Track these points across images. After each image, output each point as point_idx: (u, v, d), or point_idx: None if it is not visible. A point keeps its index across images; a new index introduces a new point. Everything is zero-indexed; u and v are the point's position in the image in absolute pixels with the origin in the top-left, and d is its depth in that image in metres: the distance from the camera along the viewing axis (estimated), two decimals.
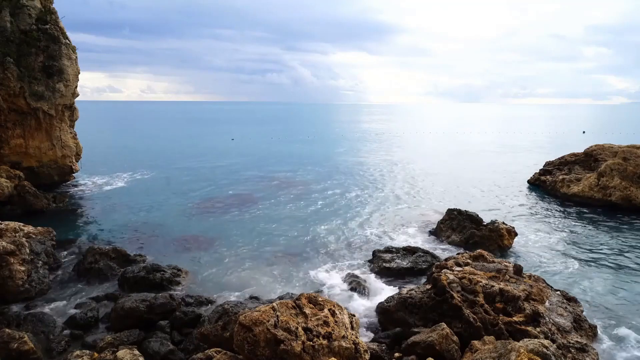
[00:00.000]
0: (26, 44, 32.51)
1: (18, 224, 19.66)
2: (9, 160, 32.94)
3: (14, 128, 33.29)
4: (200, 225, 27.44)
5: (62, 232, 24.96)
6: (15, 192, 29.64)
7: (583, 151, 39.23)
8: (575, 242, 24.48)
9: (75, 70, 35.65)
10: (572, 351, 12.44)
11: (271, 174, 45.70)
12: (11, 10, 32.33)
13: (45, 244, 20.20)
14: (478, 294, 14.24)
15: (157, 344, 13.48)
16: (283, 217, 29.33)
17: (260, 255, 22.38)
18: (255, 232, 26.01)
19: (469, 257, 17.46)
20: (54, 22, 34.29)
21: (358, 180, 42.94)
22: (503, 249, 22.70)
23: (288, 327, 10.67)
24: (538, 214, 30.35)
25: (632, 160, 31.67)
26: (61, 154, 35.98)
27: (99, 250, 20.68)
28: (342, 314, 11.90)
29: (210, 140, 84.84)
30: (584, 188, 33.28)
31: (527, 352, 9.96)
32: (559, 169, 38.95)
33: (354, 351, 10.91)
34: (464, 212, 24.96)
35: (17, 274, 16.99)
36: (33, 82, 32.70)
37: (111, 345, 13.34)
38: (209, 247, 23.43)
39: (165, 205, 32.40)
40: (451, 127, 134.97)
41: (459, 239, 23.63)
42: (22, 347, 12.76)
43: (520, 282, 15.23)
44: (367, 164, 53.99)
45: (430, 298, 14.76)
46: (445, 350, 12.35)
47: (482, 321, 13.34)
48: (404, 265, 19.86)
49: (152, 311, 15.30)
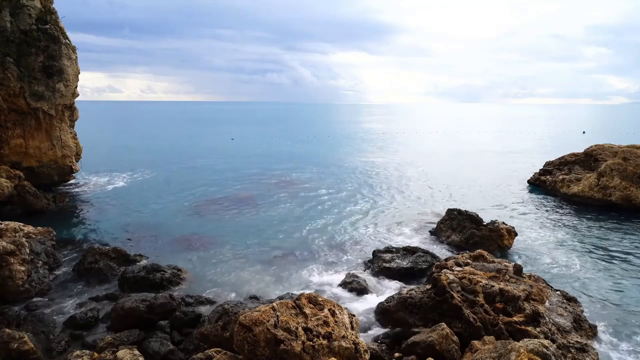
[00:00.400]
0: (26, 44, 32.51)
1: (18, 224, 19.66)
2: (9, 160, 32.93)
3: (14, 128, 33.29)
4: (200, 225, 27.44)
5: (62, 232, 24.97)
6: (15, 192, 29.64)
7: (583, 151, 39.24)
8: (575, 242, 24.48)
9: (75, 70, 35.65)
10: (572, 351, 12.44)
11: (271, 174, 45.71)
12: (11, 10, 32.33)
13: (45, 244, 20.21)
14: (478, 294, 14.24)
15: (157, 344, 13.48)
16: (283, 217, 29.33)
17: (261, 255, 22.38)
18: (255, 232, 26.01)
19: (469, 257, 17.46)
20: (54, 22, 34.29)
21: (358, 180, 42.94)
22: (503, 249, 22.69)
23: (288, 327, 10.67)
24: (538, 214, 30.35)
25: (632, 160, 31.68)
26: (61, 154, 35.98)
27: (99, 250, 20.68)
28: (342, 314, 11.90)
29: (210, 140, 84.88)
30: (584, 188, 33.28)
31: (527, 352, 9.96)
32: (559, 169, 38.96)
33: (354, 351, 10.91)
34: (464, 212, 24.96)
35: (17, 274, 16.99)
36: (33, 82, 32.70)
37: (111, 345, 13.33)
38: (209, 247, 23.42)
39: (165, 205, 32.40)
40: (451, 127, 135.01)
41: (459, 239, 23.63)
42: (22, 347, 12.76)
43: (520, 282, 15.24)
44: (367, 164, 53.99)
45: (430, 298, 14.76)
46: (445, 350, 12.35)
47: (482, 321, 13.34)
48: (404, 265, 19.86)
49: (152, 311, 15.29)
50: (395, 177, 44.38)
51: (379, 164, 54.01)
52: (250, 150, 67.33)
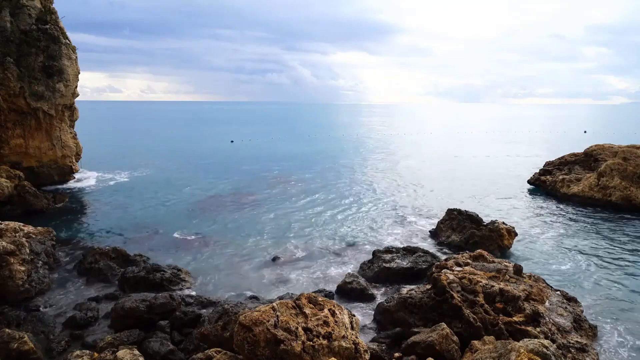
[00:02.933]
0: (26, 44, 32.52)
1: (18, 224, 19.66)
2: (9, 160, 32.95)
3: (14, 128, 33.31)
4: (200, 225, 27.44)
5: (62, 232, 24.99)
6: (15, 192, 29.64)
7: (583, 151, 39.23)
8: (575, 242, 24.47)
9: (75, 70, 35.66)
10: (572, 351, 12.44)
11: (271, 174, 45.71)
12: (11, 10, 32.35)
13: (45, 244, 20.21)
14: (478, 294, 14.23)
15: (157, 344, 13.47)
16: (283, 217, 29.33)
17: (261, 255, 22.38)
18: (255, 232, 26.01)
19: (469, 257, 17.45)
20: (54, 22, 34.31)
21: (358, 180, 42.95)
22: (503, 249, 22.69)
23: (288, 327, 10.67)
24: (538, 214, 30.34)
25: (632, 160, 31.67)
26: (61, 154, 35.99)
27: (99, 250, 20.67)
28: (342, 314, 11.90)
29: (210, 140, 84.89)
30: (584, 188, 33.28)
31: (527, 352, 9.95)
32: (559, 169, 38.94)
33: (354, 351, 10.90)
34: (464, 212, 24.95)
35: (17, 274, 16.98)
36: (33, 82, 32.71)
37: (111, 345, 13.32)
38: (209, 247, 23.43)
39: (165, 205, 32.40)
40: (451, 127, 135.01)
41: (459, 239, 23.62)
42: (22, 347, 12.75)
43: (520, 282, 15.23)
44: (367, 164, 54.00)
45: (430, 298, 14.75)
46: (445, 350, 12.35)
47: (482, 321, 13.34)
48: (404, 265, 19.85)
49: (152, 311, 15.29)
50: (395, 178, 44.37)
51: (379, 164, 54.01)
52: (250, 151, 67.33)
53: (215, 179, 42.70)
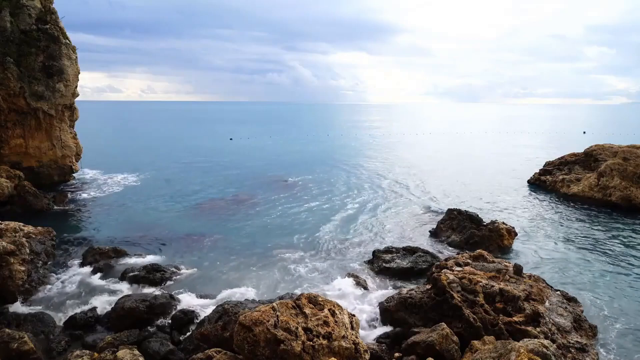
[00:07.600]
0: (26, 44, 32.52)
1: (18, 224, 19.64)
2: (9, 160, 32.94)
3: (14, 128, 33.30)
4: (200, 225, 27.43)
5: (62, 232, 24.95)
6: (15, 192, 29.64)
7: (583, 151, 39.24)
8: (575, 242, 24.47)
9: (75, 70, 35.65)
10: (572, 351, 12.44)
11: (271, 174, 45.70)
12: (11, 10, 32.34)
13: (45, 244, 20.19)
14: (478, 294, 14.24)
15: (157, 344, 13.48)
16: (283, 217, 29.33)
17: (261, 255, 22.37)
18: (255, 232, 26.01)
19: (469, 257, 17.46)
20: (54, 22, 34.30)
21: (358, 180, 42.94)
22: (503, 249, 22.69)
23: (288, 327, 10.67)
24: (538, 214, 30.33)
25: (632, 160, 31.67)
26: (61, 154, 35.99)
27: (99, 250, 20.68)
28: (342, 314, 11.91)
29: (210, 140, 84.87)
30: (584, 188, 33.28)
31: (527, 352, 9.96)
32: (559, 169, 38.95)
33: (354, 351, 10.91)
34: (464, 212, 24.96)
35: (17, 274, 16.97)
36: (33, 82, 32.71)
37: (111, 345, 13.33)
38: (209, 247, 23.42)
39: (165, 205, 32.39)
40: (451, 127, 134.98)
41: (459, 239, 23.62)
42: (22, 347, 12.75)
43: (520, 282, 15.24)
44: (367, 164, 53.98)
45: (430, 298, 14.76)
46: (445, 350, 12.35)
47: (482, 321, 13.34)
48: (404, 265, 19.86)
49: (152, 311, 15.31)
50: (395, 178, 44.36)
51: (379, 164, 54.00)
52: (250, 151, 67.34)
53: (215, 179, 42.69)
